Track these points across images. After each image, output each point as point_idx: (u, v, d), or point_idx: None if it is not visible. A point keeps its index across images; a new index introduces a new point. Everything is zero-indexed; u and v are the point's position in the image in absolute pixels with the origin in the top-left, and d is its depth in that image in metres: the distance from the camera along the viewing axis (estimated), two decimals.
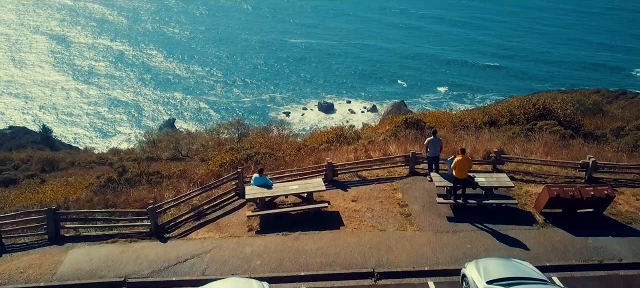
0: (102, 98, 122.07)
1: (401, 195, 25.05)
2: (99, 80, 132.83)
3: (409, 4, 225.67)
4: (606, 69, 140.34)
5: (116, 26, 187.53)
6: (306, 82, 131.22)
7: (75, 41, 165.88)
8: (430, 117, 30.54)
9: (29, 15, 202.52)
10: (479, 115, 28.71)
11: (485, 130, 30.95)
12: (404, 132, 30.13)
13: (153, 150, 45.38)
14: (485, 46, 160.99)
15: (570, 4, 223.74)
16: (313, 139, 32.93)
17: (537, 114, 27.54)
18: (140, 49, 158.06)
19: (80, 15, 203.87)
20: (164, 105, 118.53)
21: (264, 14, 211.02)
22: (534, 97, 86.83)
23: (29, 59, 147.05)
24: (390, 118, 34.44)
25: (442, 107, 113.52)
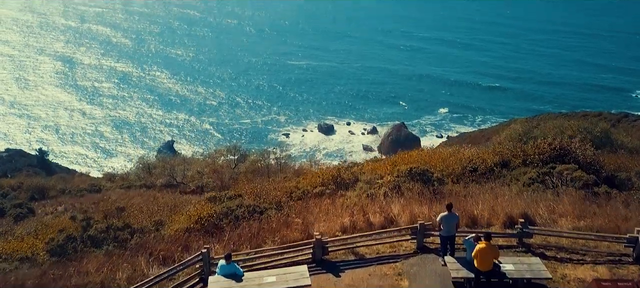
0: (105, 118, 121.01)
1: (408, 283, 19.30)
2: (102, 101, 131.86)
3: (412, 27, 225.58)
4: (606, 90, 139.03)
5: (120, 47, 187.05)
6: (307, 103, 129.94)
7: (80, 62, 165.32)
8: (438, 158, 24.49)
9: (34, 36, 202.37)
10: (489, 155, 23.82)
11: (502, 183, 24.66)
12: (409, 183, 24.17)
13: (147, 177, 43.59)
14: (486, 67, 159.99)
15: (570, 27, 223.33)
16: (308, 179, 28.49)
17: (553, 155, 23.10)
18: (144, 70, 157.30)
19: (84, 36, 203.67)
20: (165, 126, 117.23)
21: (266, 36, 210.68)
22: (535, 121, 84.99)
23: (33, 80, 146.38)
24: (392, 159, 27.75)
25: (443, 129, 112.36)
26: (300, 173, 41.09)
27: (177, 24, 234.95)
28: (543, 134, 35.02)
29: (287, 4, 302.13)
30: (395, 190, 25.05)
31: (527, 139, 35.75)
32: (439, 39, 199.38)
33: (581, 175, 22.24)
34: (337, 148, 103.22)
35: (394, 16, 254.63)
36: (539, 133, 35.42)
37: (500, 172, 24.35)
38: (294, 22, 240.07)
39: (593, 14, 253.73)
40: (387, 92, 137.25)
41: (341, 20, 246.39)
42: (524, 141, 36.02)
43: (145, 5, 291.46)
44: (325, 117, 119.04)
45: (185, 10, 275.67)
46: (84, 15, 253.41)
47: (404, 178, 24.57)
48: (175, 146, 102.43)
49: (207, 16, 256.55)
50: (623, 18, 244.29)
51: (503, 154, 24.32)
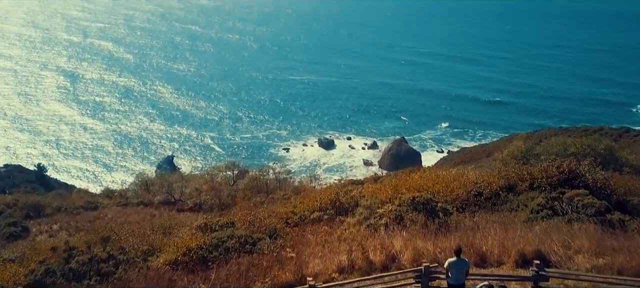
0: (107, 132, 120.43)
1: None
2: (104, 115, 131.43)
3: (413, 41, 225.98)
4: (607, 104, 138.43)
5: (122, 62, 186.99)
6: (307, 118, 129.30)
7: (82, 77, 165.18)
8: (442, 182, 21.68)
9: (36, 51, 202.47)
10: (494, 179, 21.82)
11: (509, 209, 22.33)
12: (411, 214, 21.50)
13: (145, 194, 42.79)
14: (487, 82, 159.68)
15: (570, 41, 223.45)
16: (305, 203, 26.47)
17: (562, 179, 21.31)
18: (145, 85, 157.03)
19: (87, 51, 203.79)
20: (167, 140, 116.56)
21: (268, 51, 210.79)
22: (536, 136, 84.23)
23: (35, 94, 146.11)
24: (393, 181, 24.53)
25: (444, 143, 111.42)
26: (300, 190, 40.28)
27: (179, 39, 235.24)
28: (546, 151, 34.19)
29: (288, 19, 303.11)
30: (397, 221, 22.95)
31: (529, 157, 34.94)
32: (439, 54, 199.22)
33: (593, 202, 20.47)
34: (338, 163, 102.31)
35: (395, 31, 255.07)
36: (542, 150, 34.60)
37: (506, 197, 22.57)
38: (296, 38, 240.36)
39: (593, 30, 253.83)
40: (388, 107, 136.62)
41: (342, 35, 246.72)
42: (526, 158, 35.21)
43: (147, 20, 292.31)
44: (326, 132, 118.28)
45: (187, 25, 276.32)
46: (87, 30, 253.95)
47: (406, 208, 22.52)
48: (176, 161, 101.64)
49: (208, 31, 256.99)
50: (623, 33, 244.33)
51: (509, 177, 22.71)
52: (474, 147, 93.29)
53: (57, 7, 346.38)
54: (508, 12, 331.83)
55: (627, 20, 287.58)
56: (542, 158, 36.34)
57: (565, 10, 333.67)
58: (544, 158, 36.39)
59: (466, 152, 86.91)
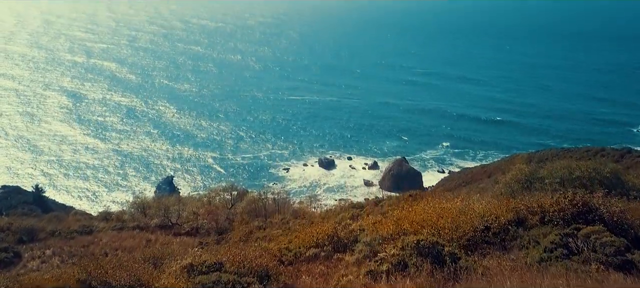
0: (109, 152, 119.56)
1: None
2: (106, 135, 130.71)
3: (414, 61, 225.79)
4: (608, 124, 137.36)
5: (125, 82, 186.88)
6: (308, 137, 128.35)
7: (85, 97, 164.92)
8: (449, 216, 19.39)
9: (40, 72, 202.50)
10: (502, 211, 20.04)
11: (519, 246, 19.70)
12: (416, 259, 18.90)
13: (141, 218, 41.67)
14: (488, 101, 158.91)
15: (570, 61, 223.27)
16: (300, 238, 24.60)
17: (575, 212, 19.60)
18: (148, 105, 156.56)
19: (90, 72, 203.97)
20: (169, 160, 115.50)
21: (270, 71, 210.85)
22: (537, 156, 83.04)
23: (37, 114, 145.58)
24: (395, 215, 21.54)
25: (445, 163, 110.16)
26: (299, 213, 39.18)
27: (181, 59, 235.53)
28: (550, 175, 33.04)
29: (290, 40, 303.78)
30: (401, 268, 20.59)
31: (533, 180, 33.83)
32: (441, 74, 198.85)
33: (611, 240, 18.84)
34: (338, 183, 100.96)
35: (397, 51, 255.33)
36: (546, 174, 33.38)
37: (516, 232, 20.79)
38: (298, 58, 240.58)
39: (593, 51, 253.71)
40: (389, 126, 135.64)
41: (344, 55, 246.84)
42: (530, 182, 34.10)
43: (150, 41, 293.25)
44: (327, 152, 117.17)
45: (190, 46, 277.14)
46: (90, 50, 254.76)
47: (410, 252, 20.27)
48: (175, 182, 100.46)
49: (211, 52, 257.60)
50: (623, 54, 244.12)
51: (518, 210, 21.11)
52: (475, 167, 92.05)
53: (61, 28, 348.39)
54: (509, 32, 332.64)
55: (628, 41, 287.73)
56: (546, 182, 35.19)
57: (565, 31, 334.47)
58: (548, 182, 35.25)
59: (467, 173, 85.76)
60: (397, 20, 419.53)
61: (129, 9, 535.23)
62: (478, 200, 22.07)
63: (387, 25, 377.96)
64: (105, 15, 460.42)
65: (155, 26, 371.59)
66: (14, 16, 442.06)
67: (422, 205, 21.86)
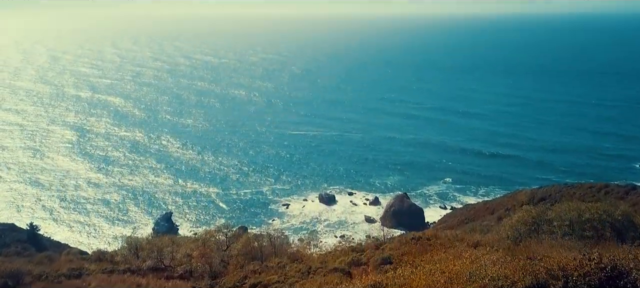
0: (111, 187, 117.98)
1: None
2: (108, 169, 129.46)
3: (417, 96, 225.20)
4: (610, 158, 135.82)
5: (130, 117, 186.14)
6: (309, 172, 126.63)
7: (89, 132, 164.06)
8: (458, 284, 16.45)
9: (44, 107, 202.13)
10: (518, 275, 16.82)
11: None
12: None
13: (133, 260, 39.67)
14: (490, 136, 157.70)
15: (571, 96, 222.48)
16: None
17: (603, 278, 16.28)
18: (152, 139, 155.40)
19: (95, 106, 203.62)
20: (170, 195, 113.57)
21: (273, 105, 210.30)
22: (540, 192, 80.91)
23: (40, 149, 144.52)
24: (398, 280, 18.23)
25: (447, 199, 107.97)
26: (297, 257, 37.23)
27: (185, 94, 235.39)
28: (558, 218, 31.20)
29: (293, 76, 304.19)
30: None
31: (541, 222, 31.94)
32: (443, 108, 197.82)
33: None
34: (339, 220, 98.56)
35: (399, 86, 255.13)
36: (554, 216, 31.53)
37: None
38: (300, 92, 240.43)
39: (592, 86, 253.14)
40: (391, 161, 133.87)
41: (346, 90, 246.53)
42: (538, 224, 32.22)
43: (154, 77, 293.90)
44: (327, 187, 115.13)
45: (194, 81, 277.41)
46: (95, 86, 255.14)
47: None
48: (174, 218, 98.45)
49: (214, 87, 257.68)
50: (625, 89, 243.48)
51: (536, 273, 18.20)
52: (478, 203, 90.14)
53: (66, 64, 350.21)
54: (508, 68, 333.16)
55: (629, 76, 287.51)
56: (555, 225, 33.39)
57: (564, 67, 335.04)
58: (557, 224, 33.42)
59: (470, 209, 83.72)
60: (398, 57, 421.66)
61: (133, 46, 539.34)
62: (490, 260, 19.46)
63: (388, 62, 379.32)
64: (110, 52, 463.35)
65: (160, 62, 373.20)
66: (21, 52, 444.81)
67: (428, 267, 19.31)
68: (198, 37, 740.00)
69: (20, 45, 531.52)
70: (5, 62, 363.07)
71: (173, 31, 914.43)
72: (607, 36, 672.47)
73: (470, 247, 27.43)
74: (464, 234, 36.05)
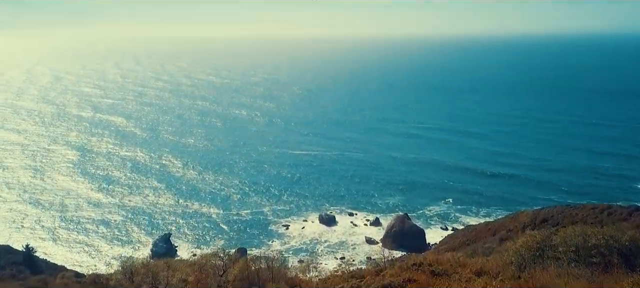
0: (112, 206, 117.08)
1: None
2: (110, 189, 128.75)
3: (419, 116, 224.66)
4: (610, 177, 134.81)
5: (131, 137, 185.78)
6: (309, 192, 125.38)
7: (90, 151, 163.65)
8: None
9: (46, 126, 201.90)
10: None
11: None
12: None
13: (128, 285, 38.44)
14: (490, 155, 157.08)
15: (570, 116, 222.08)
16: None
17: None
18: (153, 159, 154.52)
19: (97, 126, 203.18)
20: (171, 215, 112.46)
21: (275, 125, 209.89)
22: (542, 214, 79.70)
23: (41, 168, 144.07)
24: None
25: (448, 220, 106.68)
26: (295, 282, 35.98)
27: (187, 114, 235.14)
28: (564, 243, 30.11)
29: (294, 96, 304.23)
30: None
31: (546, 248, 30.82)
32: (444, 128, 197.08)
33: None
34: (339, 241, 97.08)
35: (400, 106, 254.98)
36: (560, 241, 30.44)
37: None
38: (302, 112, 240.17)
39: (592, 106, 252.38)
40: (392, 181, 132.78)
41: (347, 109, 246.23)
42: (542, 250, 31.07)
43: (156, 96, 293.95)
44: (328, 208, 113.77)
45: (196, 101, 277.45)
46: (98, 105, 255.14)
47: None
48: (173, 239, 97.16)
49: (216, 107, 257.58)
50: (624, 109, 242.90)
51: None
52: (479, 224, 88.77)
53: (69, 84, 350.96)
54: (507, 88, 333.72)
55: (627, 96, 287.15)
56: (560, 251, 32.21)
57: (563, 87, 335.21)
58: (562, 250, 32.26)
59: (471, 230, 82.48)
60: (398, 77, 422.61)
61: (135, 66, 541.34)
62: None
63: (388, 82, 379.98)
64: (112, 72, 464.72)
65: (162, 82, 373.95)
66: (24, 73, 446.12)
67: None
68: (199, 57, 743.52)
69: (22, 66, 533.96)
70: (8, 82, 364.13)
71: (174, 51, 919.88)
72: (608, 56, 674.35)
73: (473, 274, 26.48)
74: (466, 259, 34.84)
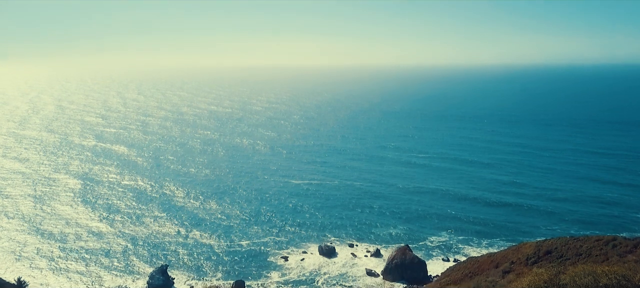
0: (112, 236, 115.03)
1: None
2: (110, 218, 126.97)
3: (419, 145, 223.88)
4: (612, 205, 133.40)
5: (134, 166, 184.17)
6: (311, 222, 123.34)
7: (93, 180, 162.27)
8: None
9: (48, 155, 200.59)
10: None
11: None
12: None
13: None
14: (491, 183, 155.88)
15: (571, 144, 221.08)
16: None
17: None
18: (155, 188, 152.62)
19: (100, 155, 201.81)
20: (171, 244, 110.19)
21: (277, 153, 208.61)
22: (546, 245, 77.55)
23: (44, 197, 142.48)
24: None
25: (450, 251, 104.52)
26: None
27: (190, 143, 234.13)
28: (573, 282, 28.35)
29: (295, 123, 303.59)
30: None
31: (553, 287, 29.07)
32: (444, 157, 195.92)
33: None
34: (339, 273, 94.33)
35: (400, 135, 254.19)
36: (569, 280, 28.66)
37: None
38: (303, 140, 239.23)
39: (591, 135, 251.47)
40: (393, 210, 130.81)
41: (349, 137, 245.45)
42: None
43: (159, 126, 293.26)
44: (327, 238, 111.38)
45: (199, 130, 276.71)
46: (101, 135, 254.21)
47: None
48: (172, 269, 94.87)
49: (219, 136, 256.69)
50: (623, 139, 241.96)
51: None
52: (482, 256, 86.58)
53: (72, 114, 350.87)
54: (506, 117, 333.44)
55: (633, 126, 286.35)
56: None
57: (568, 116, 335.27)
58: None
59: (474, 262, 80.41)
60: (400, 106, 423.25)
61: (137, 96, 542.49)
62: None
63: (390, 110, 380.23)
64: (115, 101, 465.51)
65: (165, 111, 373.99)
66: (28, 103, 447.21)
67: None
68: (201, 86, 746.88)
69: (26, 95, 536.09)
70: (12, 111, 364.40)
71: (177, 80, 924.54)
72: (611, 86, 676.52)
73: None
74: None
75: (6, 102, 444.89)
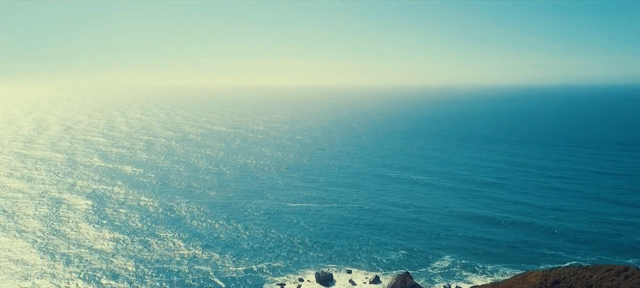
0: (115, 256, 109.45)
1: None
2: (114, 237, 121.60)
3: (421, 163, 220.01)
4: (619, 225, 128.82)
5: (138, 184, 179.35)
6: (307, 247, 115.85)
7: (99, 200, 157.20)
8: None
9: (53, 175, 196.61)
10: None
11: None
12: None
13: None
14: (495, 202, 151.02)
15: (579, 164, 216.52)
16: None
17: None
18: (157, 208, 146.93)
19: (106, 175, 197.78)
20: (168, 269, 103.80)
21: (283, 173, 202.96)
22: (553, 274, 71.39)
23: (49, 218, 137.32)
24: None
25: (453, 278, 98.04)
26: None
27: (193, 162, 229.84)
28: None
29: (299, 143, 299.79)
30: None
31: None
32: (446, 177, 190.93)
33: None
34: None
35: (402, 154, 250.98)
36: None
37: None
38: (306, 158, 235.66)
39: (601, 155, 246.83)
40: (394, 232, 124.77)
41: (353, 156, 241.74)
42: None
43: (164, 146, 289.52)
44: (325, 265, 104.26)
45: (203, 149, 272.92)
46: (107, 155, 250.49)
47: None
48: None
49: (224, 155, 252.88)
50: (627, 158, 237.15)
51: None
52: (485, 285, 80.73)
53: (77, 134, 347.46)
54: (506, 138, 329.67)
55: (629, 146, 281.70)
56: None
57: (572, 136, 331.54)
58: None
59: None
60: (401, 126, 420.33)
61: (141, 116, 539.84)
62: None
63: (391, 130, 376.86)
64: (120, 121, 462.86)
65: (170, 131, 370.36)
66: (34, 122, 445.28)
67: None
68: (204, 105, 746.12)
69: (31, 114, 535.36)
70: (17, 131, 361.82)
71: (180, 100, 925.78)
72: (616, 106, 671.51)
73: None
74: None
75: (11, 121, 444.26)
